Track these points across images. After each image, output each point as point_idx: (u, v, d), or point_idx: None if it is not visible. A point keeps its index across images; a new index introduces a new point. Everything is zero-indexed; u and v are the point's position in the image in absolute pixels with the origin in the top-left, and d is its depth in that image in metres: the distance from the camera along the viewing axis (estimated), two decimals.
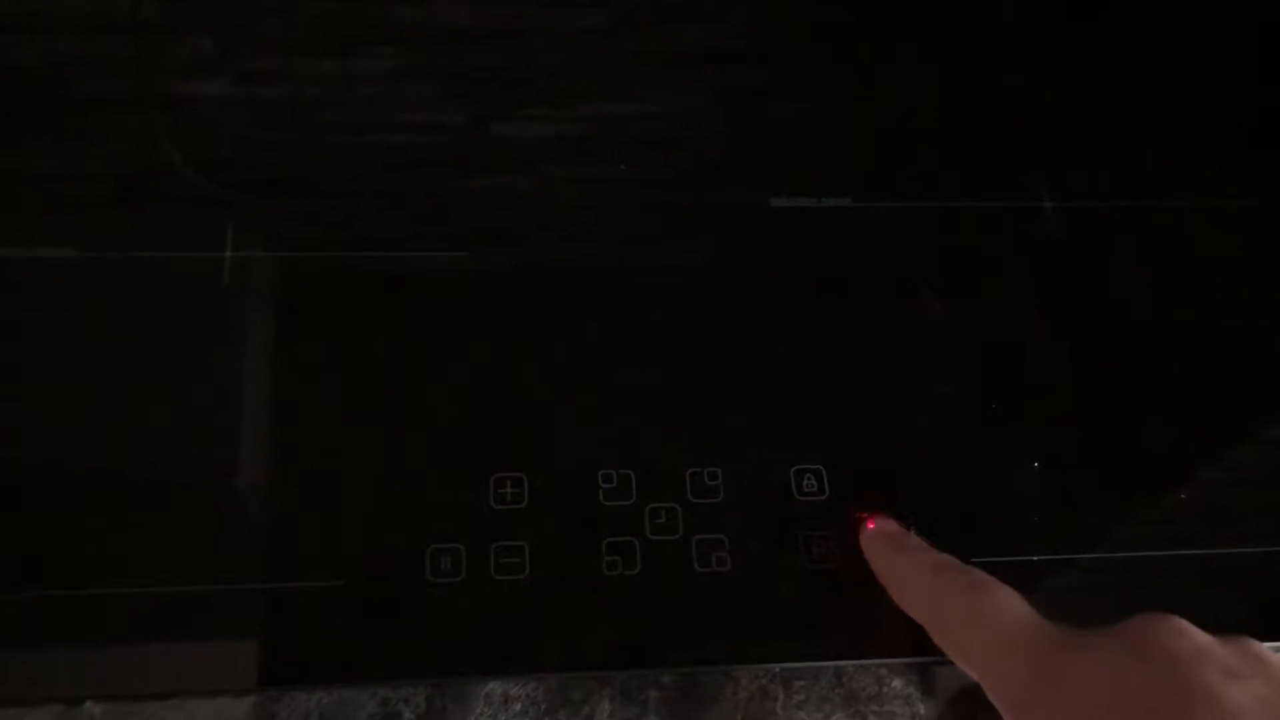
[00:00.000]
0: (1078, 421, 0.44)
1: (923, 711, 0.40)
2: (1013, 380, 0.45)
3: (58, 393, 0.42)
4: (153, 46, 0.48)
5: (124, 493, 0.41)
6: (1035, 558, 0.41)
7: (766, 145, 0.50)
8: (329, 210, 0.46)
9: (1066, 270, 0.48)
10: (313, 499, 0.41)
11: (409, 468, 0.42)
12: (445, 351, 0.44)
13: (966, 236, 0.48)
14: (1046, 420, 0.44)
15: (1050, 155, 0.50)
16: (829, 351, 0.45)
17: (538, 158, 0.48)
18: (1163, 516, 0.43)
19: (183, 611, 0.39)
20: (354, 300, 0.45)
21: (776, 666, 0.40)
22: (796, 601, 0.41)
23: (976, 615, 0.34)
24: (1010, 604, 0.34)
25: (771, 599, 0.41)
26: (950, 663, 0.35)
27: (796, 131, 0.50)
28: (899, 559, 0.39)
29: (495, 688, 0.39)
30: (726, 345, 0.45)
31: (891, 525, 0.40)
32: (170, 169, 0.46)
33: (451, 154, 0.48)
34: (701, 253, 0.48)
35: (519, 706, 0.39)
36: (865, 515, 0.41)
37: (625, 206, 0.48)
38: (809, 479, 0.42)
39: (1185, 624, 0.31)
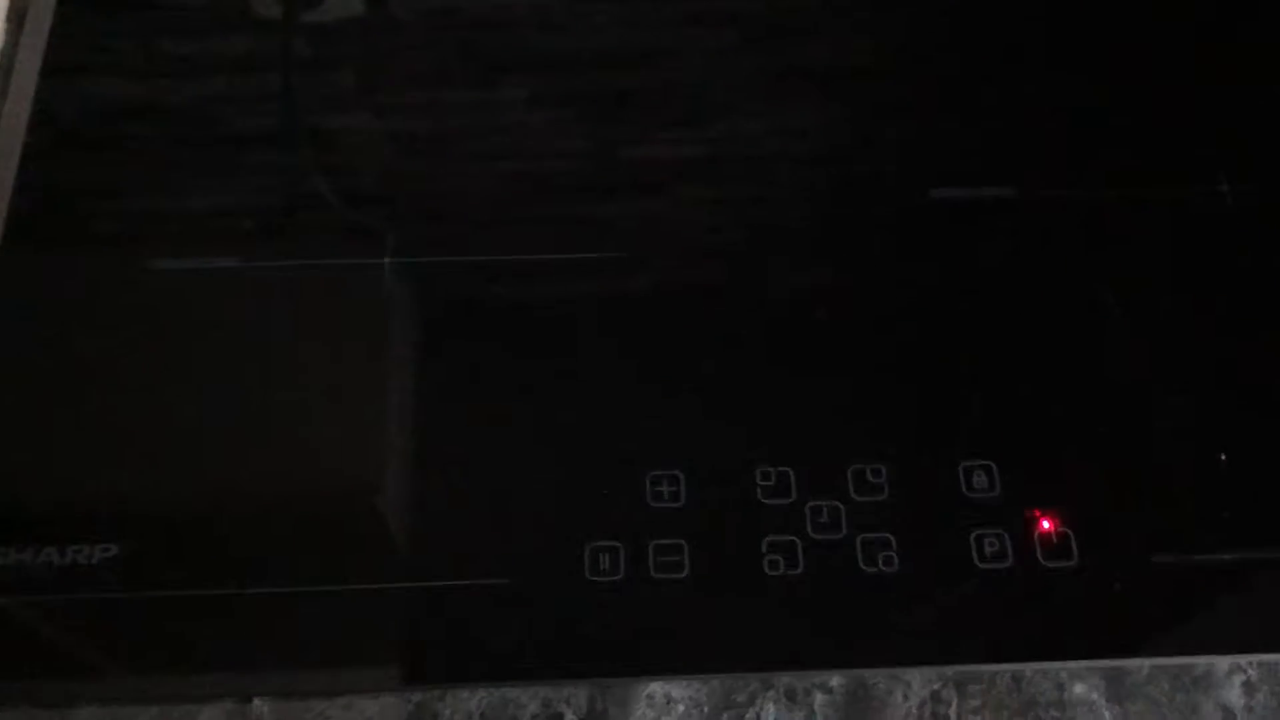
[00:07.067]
0: (1265, 412, 0.42)
1: (1108, 718, 0.37)
2: (1194, 372, 0.43)
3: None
4: (298, 83, 0.50)
5: (286, 495, 0.41)
6: (1227, 556, 0.39)
7: (912, 147, 0.49)
8: (466, 233, 0.47)
9: (1246, 256, 0.45)
10: (471, 500, 0.41)
11: (563, 468, 0.41)
12: (586, 361, 0.44)
13: (1140, 223, 0.46)
14: (1231, 412, 0.42)
15: (1227, 137, 0.48)
16: (997, 346, 0.44)
17: (667, 180, 0.48)
18: None
19: (349, 611, 0.39)
20: (489, 315, 0.45)
21: (950, 670, 0.38)
22: (969, 602, 0.39)
23: None
24: None
25: (943, 600, 0.39)
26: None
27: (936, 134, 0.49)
28: None
29: (657, 689, 0.38)
30: (888, 340, 0.44)
31: None
32: (317, 199, 0.47)
33: (582, 178, 0.48)
34: (857, 250, 0.46)
35: (681, 708, 0.38)
36: (1040, 513, 0.39)
37: (770, 211, 0.48)
38: (979, 475, 0.40)
39: None
